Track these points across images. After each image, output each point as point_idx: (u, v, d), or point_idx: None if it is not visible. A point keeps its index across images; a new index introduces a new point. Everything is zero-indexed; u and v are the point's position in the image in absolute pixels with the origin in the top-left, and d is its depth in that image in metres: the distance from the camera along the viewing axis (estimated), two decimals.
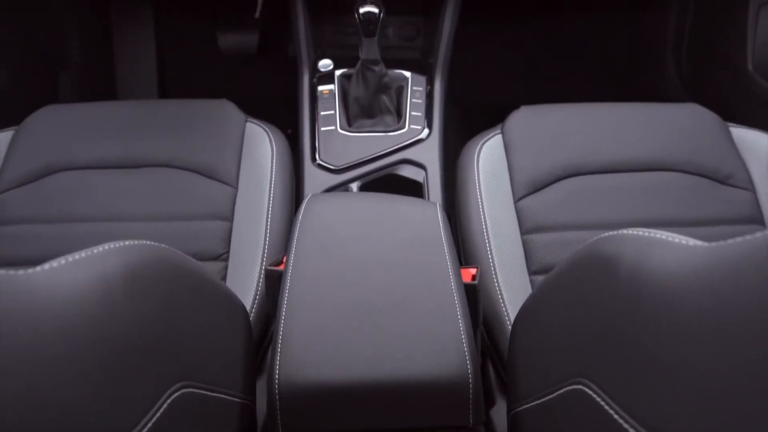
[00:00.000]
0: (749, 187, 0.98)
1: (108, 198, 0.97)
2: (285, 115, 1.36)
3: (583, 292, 0.53)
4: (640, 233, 0.47)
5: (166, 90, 1.91)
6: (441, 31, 1.22)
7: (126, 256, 0.48)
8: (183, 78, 1.94)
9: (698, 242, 0.41)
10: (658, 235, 0.44)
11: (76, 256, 0.44)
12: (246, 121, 1.09)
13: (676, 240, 0.42)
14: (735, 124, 1.07)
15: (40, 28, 1.64)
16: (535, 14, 1.91)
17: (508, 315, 0.85)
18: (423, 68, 1.23)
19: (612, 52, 1.92)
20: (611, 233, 0.51)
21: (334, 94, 1.18)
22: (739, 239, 0.37)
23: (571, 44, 1.93)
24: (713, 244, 0.39)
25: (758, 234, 0.36)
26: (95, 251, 0.46)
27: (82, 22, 1.77)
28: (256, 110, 1.14)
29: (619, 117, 1.06)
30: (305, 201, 0.78)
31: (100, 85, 1.87)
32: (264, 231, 0.95)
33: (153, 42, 1.88)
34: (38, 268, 0.41)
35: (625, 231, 0.49)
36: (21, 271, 0.39)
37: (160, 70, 1.90)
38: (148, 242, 0.52)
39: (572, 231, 0.94)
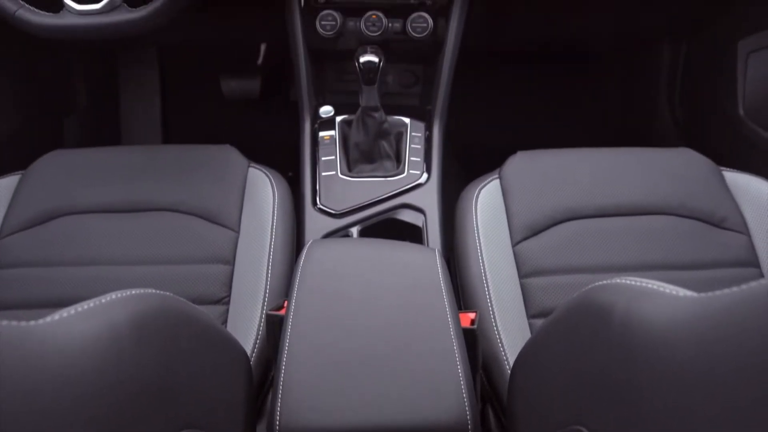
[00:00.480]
0: (744, 230, 1.00)
1: (110, 242, 0.99)
2: (286, 158, 1.39)
3: (579, 339, 0.54)
4: (632, 283, 0.48)
5: (170, 134, 1.95)
6: (439, 78, 1.25)
7: (132, 305, 0.49)
8: (186, 122, 1.97)
9: (687, 292, 0.42)
10: (649, 285, 0.46)
11: (84, 306, 0.46)
12: (249, 166, 1.11)
13: (667, 290, 0.44)
14: (728, 169, 1.09)
15: (48, 74, 1.68)
16: (530, 62, 1.96)
17: (507, 359, 0.86)
18: (422, 114, 1.25)
19: (607, 96, 1.96)
20: (605, 282, 0.52)
21: (335, 139, 1.21)
22: (726, 291, 0.39)
23: (567, 89, 1.97)
24: (702, 295, 0.40)
25: (744, 286, 0.38)
26: (103, 301, 0.48)
27: (89, 67, 1.82)
28: (258, 153, 1.17)
29: (614, 162, 1.08)
30: (306, 246, 0.80)
31: (104, 129, 1.90)
32: (265, 275, 0.96)
33: (158, 87, 1.92)
34: (48, 319, 0.42)
35: (618, 280, 0.50)
36: (32, 322, 0.41)
37: (164, 115, 1.93)
38: (154, 291, 0.54)
39: (570, 275, 0.95)
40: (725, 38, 1.48)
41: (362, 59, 1.08)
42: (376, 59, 1.08)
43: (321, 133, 1.22)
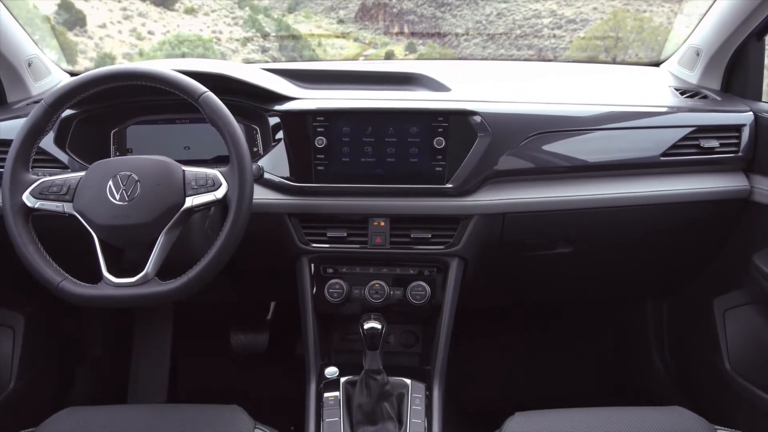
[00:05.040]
0: None
1: None
2: (290, 410, 1.41)
3: None
4: None
5: (178, 383, 1.98)
6: (438, 340, 1.34)
7: None
8: (195, 372, 2.02)
9: None
10: None
11: None
12: (255, 427, 1.13)
13: None
14: (722, 428, 1.11)
15: (69, 328, 1.77)
16: (524, 322, 2.07)
17: None
18: (422, 375, 1.31)
19: (600, 348, 2.03)
20: None
21: (339, 400, 1.25)
22: None
23: (561, 347, 2.05)
24: None
25: None
26: None
27: (107, 321, 1.92)
28: (263, 404, 1.19)
29: (610, 424, 1.11)
30: None
31: (113, 378, 1.94)
32: None
33: (170, 339, 2.00)
34: None
35: None
36: None
37: (173, 364, 1.99)
38: None
39: None
40: (700, 297, 1.59)
41: (366, 326, 1.16)
42: (378, 326, 1.16)
43: (326, 394, 1.26)
